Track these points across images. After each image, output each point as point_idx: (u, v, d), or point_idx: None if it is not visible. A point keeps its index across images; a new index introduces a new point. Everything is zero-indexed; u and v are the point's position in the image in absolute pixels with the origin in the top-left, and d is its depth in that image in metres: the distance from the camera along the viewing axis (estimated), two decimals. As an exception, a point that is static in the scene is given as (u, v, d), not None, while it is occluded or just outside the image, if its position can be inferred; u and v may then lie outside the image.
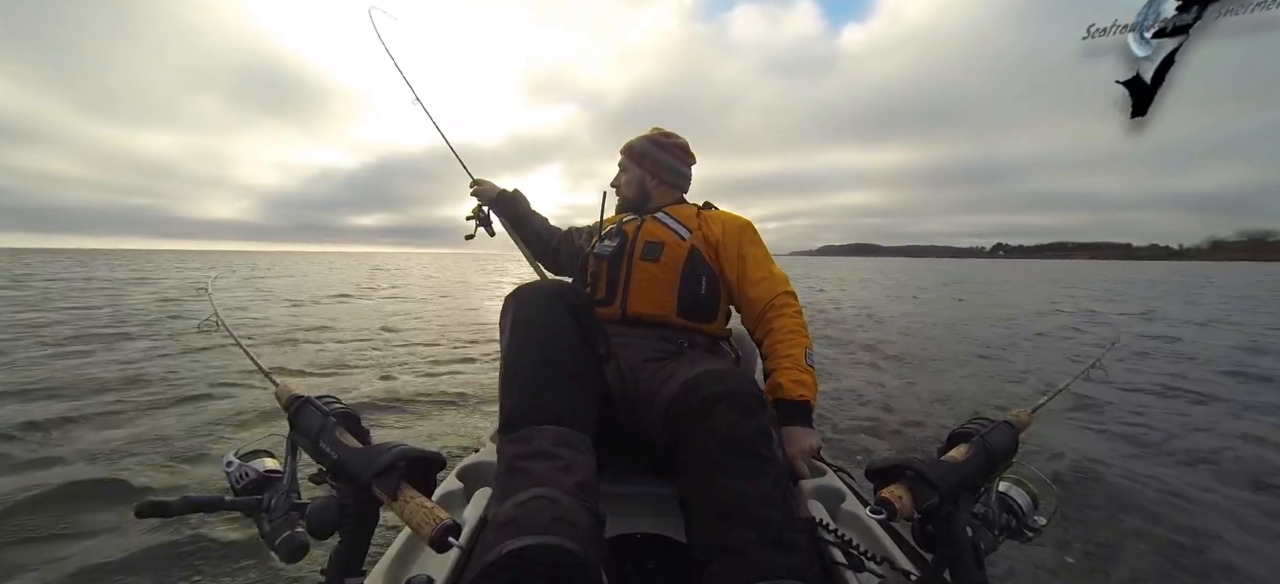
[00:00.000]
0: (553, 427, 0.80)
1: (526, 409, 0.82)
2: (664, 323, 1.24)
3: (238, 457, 0.81)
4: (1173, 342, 7.14)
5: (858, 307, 11.65)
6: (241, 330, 5.95)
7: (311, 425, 0.74)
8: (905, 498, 0.72)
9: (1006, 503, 0.85)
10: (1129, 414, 3.73)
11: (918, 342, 6.97)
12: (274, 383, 0.90)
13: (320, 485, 0.74)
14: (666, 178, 1.45)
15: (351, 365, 4.85)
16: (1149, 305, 11.92)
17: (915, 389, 4.50)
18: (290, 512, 0.75)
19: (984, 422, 0.87)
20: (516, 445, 0.78)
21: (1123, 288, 17.30)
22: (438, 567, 0.84)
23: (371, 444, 0.76)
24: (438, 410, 3.53)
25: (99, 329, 6.55)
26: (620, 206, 1.51)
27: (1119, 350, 5.85)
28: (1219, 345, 6.83)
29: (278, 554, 0.72)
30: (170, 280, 16.87)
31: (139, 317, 7.84)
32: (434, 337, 6.67)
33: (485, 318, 8.71)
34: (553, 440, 0.77)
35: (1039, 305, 12.29)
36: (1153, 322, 9.43)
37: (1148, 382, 4.71)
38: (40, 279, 16.49)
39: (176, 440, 2.71)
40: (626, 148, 1.49)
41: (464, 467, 1.24)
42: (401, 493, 0.66)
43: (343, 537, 0.70)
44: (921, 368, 5.37)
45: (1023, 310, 11.18)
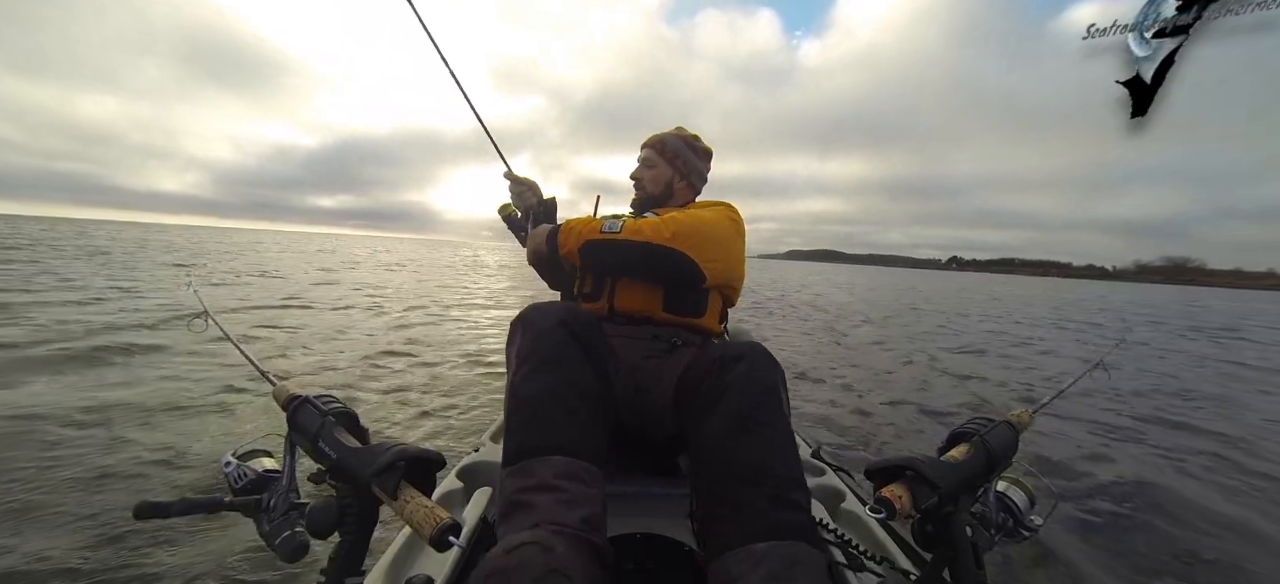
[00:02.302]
0: (558, 457, 0.76)
1: (530, 440, 0.78)
2: (651, 319, 1.23)
3: (236, 457, 0.81)
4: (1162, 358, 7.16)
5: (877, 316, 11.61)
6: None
7: (310, 425, 0.74)
8: (905, 497, 0.72)
9: (1004, 503, 0.85)
10: (1129, 414, 3.74)
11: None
12: (271, 382, 0.90)
13: (319, 485, 0.74)
14: (693, 180, 1.45)
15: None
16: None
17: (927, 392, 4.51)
18: (290, 512, 0.75)
19: (984, 421, 0.87)
20: (519, 478, 0.74)
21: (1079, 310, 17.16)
22: (438, 566, 0.84)
23: (371, 443, 0.76)
24: (437, 410, 3.52)
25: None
26: (639, 202, 1.46)
27: (1121, 352, 5.86)
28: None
29: (278, 554, 0.72)
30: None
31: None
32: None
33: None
34: (557, 472, 0.74)
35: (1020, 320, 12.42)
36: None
37: (1149, 383, 4.72)
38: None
39: (172, 441, 2.71)
40: (657, 143, 1.43)
41: (464, 466, 1.24)
42: (401, 492, 0.66)
43: (342, 536, 0.70)
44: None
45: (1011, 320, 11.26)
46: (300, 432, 0.75)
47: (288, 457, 0.77)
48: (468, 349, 5.23)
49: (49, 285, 7.82)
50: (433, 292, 11.06)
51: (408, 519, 0.64)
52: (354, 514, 0.70)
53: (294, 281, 10.98)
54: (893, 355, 6.04)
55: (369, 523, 0.71)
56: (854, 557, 0.90)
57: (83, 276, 9.31)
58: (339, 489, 0.71)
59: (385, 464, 0.67)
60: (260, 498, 0.76)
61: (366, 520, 0.71)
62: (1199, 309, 21.14)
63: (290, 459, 0.77)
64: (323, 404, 0.77)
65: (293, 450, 0.77)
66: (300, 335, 5.49)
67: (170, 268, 12.56)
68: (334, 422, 0.75)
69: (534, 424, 0.79)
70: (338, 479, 0.71)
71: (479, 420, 3.24)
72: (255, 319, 6.27)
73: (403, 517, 0.64)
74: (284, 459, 0.78)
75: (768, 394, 0.82)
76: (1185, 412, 3.95)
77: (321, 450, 0.72)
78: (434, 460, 0.74)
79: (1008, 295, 26.37)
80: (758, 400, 0.80)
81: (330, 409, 0.77)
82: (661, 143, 1.43)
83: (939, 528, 0.75)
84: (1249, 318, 17.78)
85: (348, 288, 10.43)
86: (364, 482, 0.67)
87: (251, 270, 13.09)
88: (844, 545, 0.92)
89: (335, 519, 0.70)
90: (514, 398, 0.83)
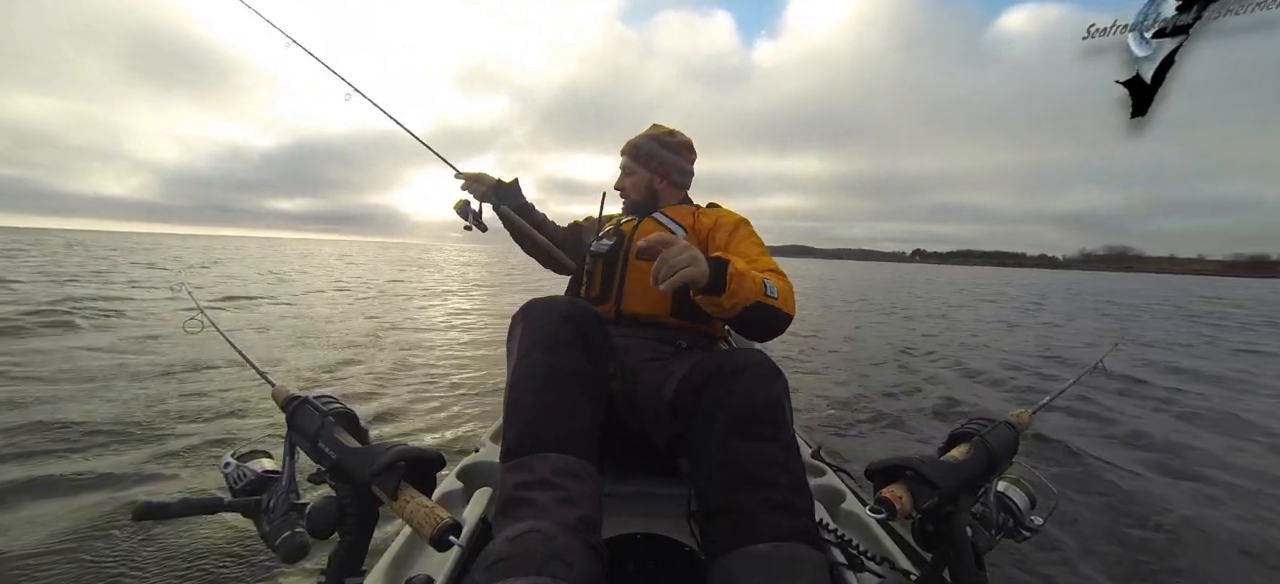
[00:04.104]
0: (556, 454, 0.77)
1: (529, 435, 0.79)
2: (659, 322, 1.24)
3: (235, 457, 0.81)
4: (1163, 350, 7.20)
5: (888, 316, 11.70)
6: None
7: (309, 425, 0.74)
8: (905, 498, 0.72)
9: (1004, 503, 0.85)
10: (1129, 414, 3.75)
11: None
12: (270, 382, 0.90)
13: (319, 485, 0.74)
14: (674, 178, 1.42)
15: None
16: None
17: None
18: (289, 512, 0.75)
19: (984, 421, 0.87)
20: (517, 474, 0.75)
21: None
22: (437, 566, 0.84)
23: (370, 443, 0.76)
24: (438, 410, 3.52)
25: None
26: (626, 209, 1.47)
27: (1121, 352, 5.88)
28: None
29: (278, 554, 0.72)
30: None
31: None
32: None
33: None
34: (555, 469, 0.75)
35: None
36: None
37: (1150, 383, 4.72)
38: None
39: (171, 442, 2.70)
40: (630, 149, 1.43)
41: (464, 466, 1.24)
42: (401, 492, 0.66)
43: (342, 536, 0.70)
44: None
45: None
46: (300, 432, 0.75)
47: (287, 457, 0.77)
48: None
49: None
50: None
51: (408, 519, 0.64)
52: (354, 514, 0.70)
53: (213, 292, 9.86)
54: (893, 354, 6.05)
55: (369, 523, 0.71)
56: (854, 557, 0.90)
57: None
58: (339, 489, 0.71)
59: (385, 464, 0.67)
60: (260, 498, 0.76)
61: (366, 520, 0.71)
62: (1184, 297, 22.76)
63: (290, 459, 0.77)
64: (322, 404, 0.77)
65: (292, 451, 0.77)
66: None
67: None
68: (333, 422, 0.75)
69: (533, 419, 0.80)
70: (337, 479, 0.71)
71: (479, 421, 3.24)
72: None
73: (403, 517, 0.64)
74: (283, 459, 0.78)
75: (771, 407, 0.81)
76: (1186, 408, 3.95)
77: (321, 451, 0.72)
78: (434, 460, 0.74)
79: (987, 286, 27.83)
80: (760, 413, 0.80)
81: (330, 409, 0.77)
82: (635, 148, 1.41)
83: (939, 528, 0.75)
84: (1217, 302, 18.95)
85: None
86: (364, 482, 0.67)
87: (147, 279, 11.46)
88: (844, 546, 0.92)
89: (335, 519, 0.70)
90: (514, 391, 0.84)
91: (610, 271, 1.29)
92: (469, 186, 1.60)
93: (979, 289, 23.63)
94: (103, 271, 12.82)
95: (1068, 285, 33.63)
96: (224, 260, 20.51)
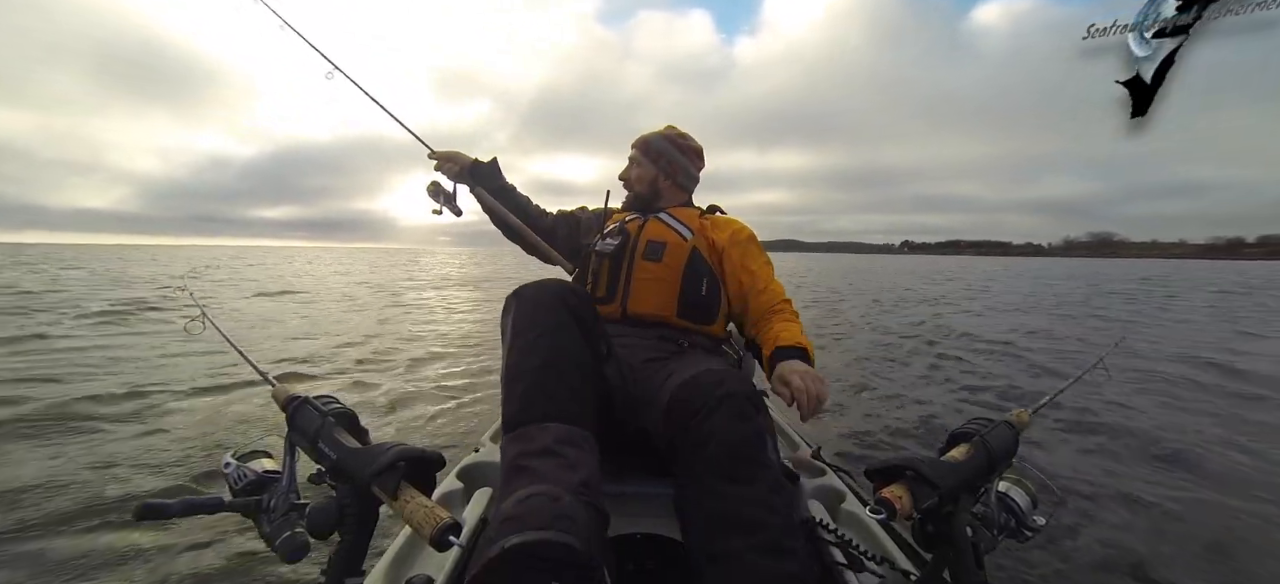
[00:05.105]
0: (556, 424, 0.80)
1: (529, 407, 0.81)
2: (664, 323, 1.24)
3: (236, 458, 0.81)
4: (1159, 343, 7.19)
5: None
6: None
7: (309, 425, 0.74)
8: (905, 498, 0.71)
9: (1006, 503, 0.85)
10: (1130, 414, 3.74)
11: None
12: (271, 383, 0.90)
13: (319, 485, 0.74)
14: (680, 180, 1.43)
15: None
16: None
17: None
18: (290, 512, 0.75)
19: (984, 422, 0.87)
20: (519, 443, 0.78)
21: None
22: (438, 567, 0.84)
23: (370, 444, 0.76)
24: (438, 410, 3.52)
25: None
26: (627, 202, 1.47)
27: (1121, 351, 5.87)
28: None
29: (278, 554, 0.72)
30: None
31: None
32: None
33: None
34: (556, 438, 0.77)
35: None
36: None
37: (1150, 382, 4.72)
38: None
39: (172, 443, 2.70)
40: (642, 143, 1.43)
41: (464, 467, 1.24)
42: (401, 493, 0.66)
43: (342, 536, 0.70)
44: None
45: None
46: (300, 432, 0.75)
47: (287, 457, 0.77)
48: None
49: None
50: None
51: (408, 519, 0.64)
52: (354, 514, 0.70)
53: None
54: (893, 353, 6.04)
55: (369, 523, 0.72)
56: (854, 557, 0.90)
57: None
58: (339, 489, 0.71)
59: (385, 464, 0.67)
60: (260, 498, 0.76)
61: (366, 521, 0.71)
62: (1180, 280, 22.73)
63: (290, 460, 0.77)
64: (322, 405, 0.77)
65: (292, 451, 0.77)
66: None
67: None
68: (333, 422, 0.75)
69: (533, 392, 0.83)
70: (337, 480, 0.71)
71: (479, 421, 3.24)
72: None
73: (403, 517, 0.64)
74: (284, 460, 0.78)
75: (750, 443, 0.82)
76: (1185, 404, 3.94)
77: (321, 451, 0.72)
78: (434, 460, 0.74)
79: (981, 275, 28.04)
80: (738, 449, 0.80)
81: (330, 410, 0.77)
82: (646, 143, 1.43)
83: (939, 528, 0.75)
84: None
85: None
86: (364, 482, 0.67)
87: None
88: (844, 546, 0.92)
89: (335, 519, 0.70)
90: (512, 368, 0.87)
91: (616, 272, 1.29)
92: (442, 167, 1.52)
93: (971, 279, 23.47)
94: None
95: (1066, 273, 33.47)
96: (201, 272, 20.19)
